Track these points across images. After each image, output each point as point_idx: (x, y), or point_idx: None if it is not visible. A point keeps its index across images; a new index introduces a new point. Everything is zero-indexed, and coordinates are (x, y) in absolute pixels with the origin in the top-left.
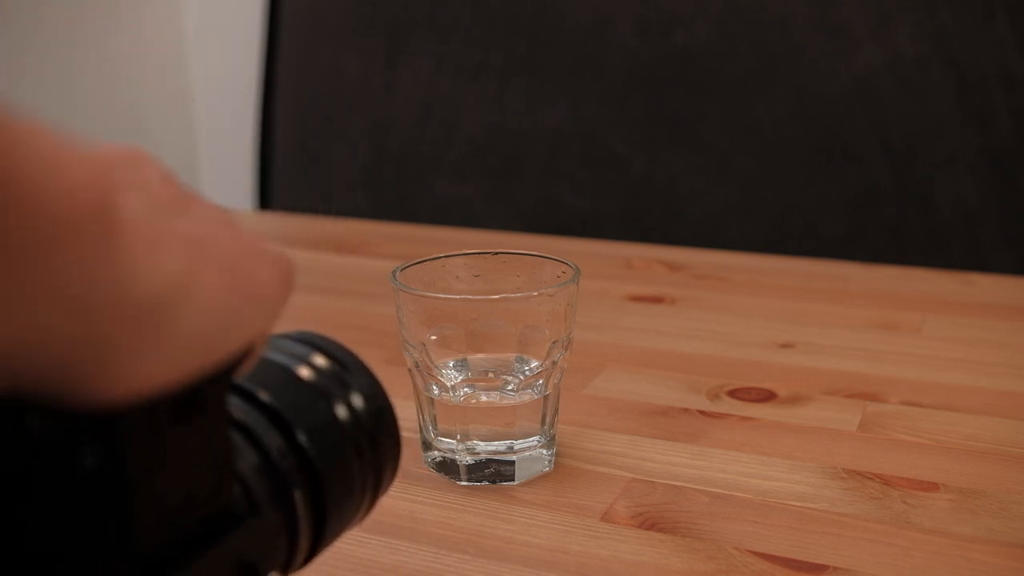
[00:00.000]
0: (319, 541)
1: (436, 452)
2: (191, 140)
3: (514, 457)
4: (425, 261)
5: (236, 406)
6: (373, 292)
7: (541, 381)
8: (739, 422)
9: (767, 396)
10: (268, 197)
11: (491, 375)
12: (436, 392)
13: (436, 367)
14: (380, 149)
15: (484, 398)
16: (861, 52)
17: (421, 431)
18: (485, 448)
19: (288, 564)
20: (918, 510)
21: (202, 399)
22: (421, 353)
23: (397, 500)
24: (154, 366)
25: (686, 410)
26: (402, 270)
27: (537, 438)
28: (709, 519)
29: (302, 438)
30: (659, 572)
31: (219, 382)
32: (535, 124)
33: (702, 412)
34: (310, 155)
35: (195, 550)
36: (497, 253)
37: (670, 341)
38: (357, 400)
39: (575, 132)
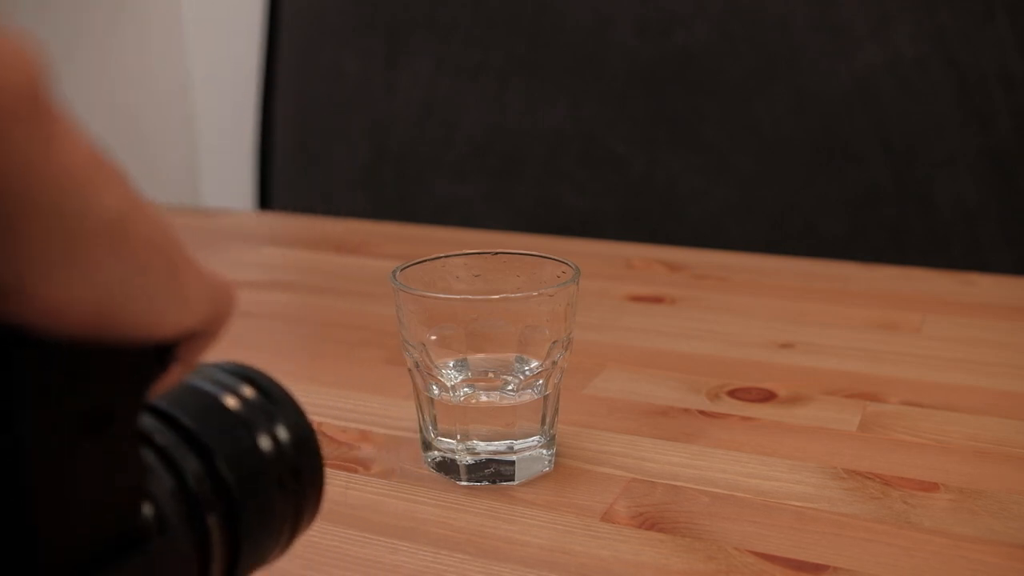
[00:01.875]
0: (234, 569)
1: (436, 452)
2: (191, 140)
3: (514, 457)
4: (425, 261)
5: (157, 430)
6: (373, 292)
7: (541, 381)
8: (739, 422)
9: (767, 396)
10: (268, 197)
11: (491, 375)
12: (436, 392)
13: (436, 367)
14: (380, 149)
15: (484, 398)
16: (861, 52)
17: (421, 431)
18: (485, 448)
19: None
20: (918, 510)
21: (111, 413)
22: (421, 353)
23: (397, 500)
24: (68, 301)
25: (686, 410)
26: (402, 270)
27: (537, 438)
28: (709, 519)
29: (220, 464)
30: (659, 572)
31: (131, 396)
32: (535, 124)
33: (702, 412)
34: (310, 155)
35: (101, 569)
36: (497, 253)
37: (670, 341)
38: (281, 431)
39: (575, 132)
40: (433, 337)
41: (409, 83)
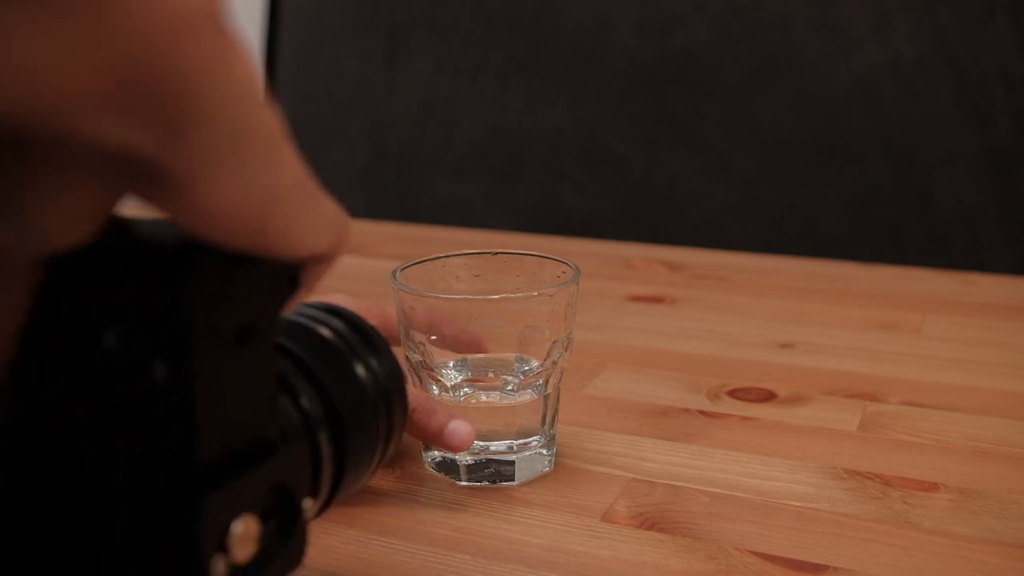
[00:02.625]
0: (338, 483)
1: (436, 452)
2: None
3: (514, 457)
4: (425, 261)
5: None
6: (373, 292)
7: (541, 381)
8: (739, 422)
9: (767, 396)
10: None
11: (491, 375)
12: (436, 392)
13: (436, 367)
14: (380, 149)
15: (484, 398)
16: (861, 52)
17: None
18: (485, 448)
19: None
20: (918, 510)
21: (255, 327)
22: (421, 353)
23: (397, 500)
24: (231, 199)
25: (686, 410)
26: (402, 270)
27: (537, 438)
28: (709, 519)
29: (329, 389)
30: (659, 572)
31: (269, 310)
32: (535, 124)
33: (702, 412)
34: (310, 155)
35: (245, 467)
36: (497, 253)
37: (670, 341)
38: (373, 361)
39: (575, 132)
40: (433, 337)
41: (409, 83)
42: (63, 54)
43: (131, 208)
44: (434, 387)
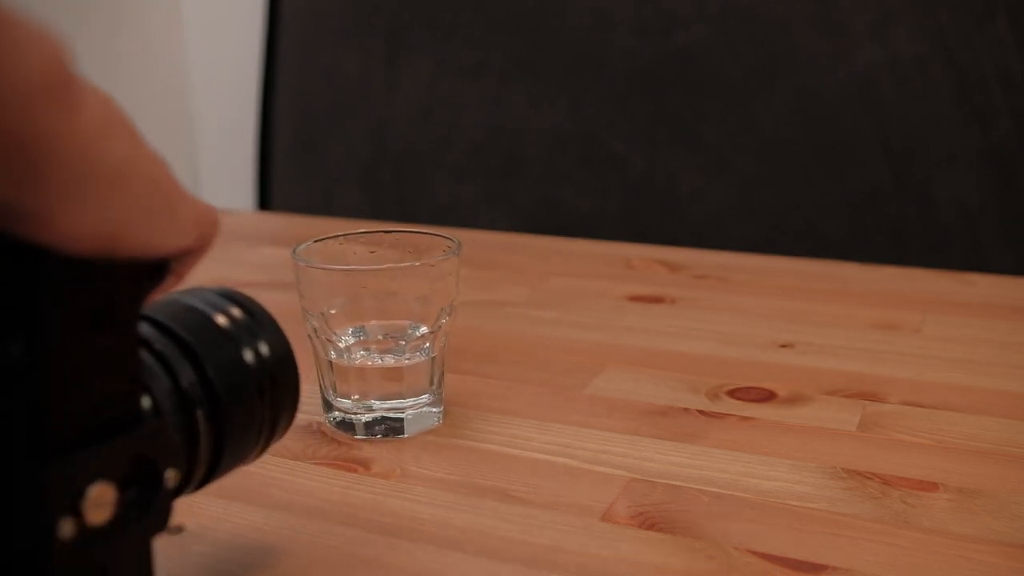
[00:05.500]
0: (218, 460)
1: (337, 412)
2: (191, 140)
3: (404, 415)
4: (325, 239)
5: (157, 339)
6: None
7: (428, 344)
8: (739, 422)
9: (767, 396)
10: (268, 197)
11: (384, 339)
12: (334, 356)
13: (336, 334)
14: (380, 149)
15: (378, 361)
16: (861, 52)
17: (322, 393)
18: (380, 406)
19: (189, 474)
20: (918, 510)
21: (112, 313)
22: (320, 321)
23: (397, 500)
24: (83, 227)
25: (686, 410)
26: (304, 247)
27: (427, 396)
28: (709, 519)
29: (209, 370)
30: (659, 572)
31: (130, 298)
32: (535, 124)
33: (702, 412)
34: (310, 155)
35: (100, 439)
36: (390, 232)
37: (670, 341)
38: (263, 347)
39: (575, 132)
40: (333, 311)
41: (409, 83)
42: None
43: None
44: (332, 352)
